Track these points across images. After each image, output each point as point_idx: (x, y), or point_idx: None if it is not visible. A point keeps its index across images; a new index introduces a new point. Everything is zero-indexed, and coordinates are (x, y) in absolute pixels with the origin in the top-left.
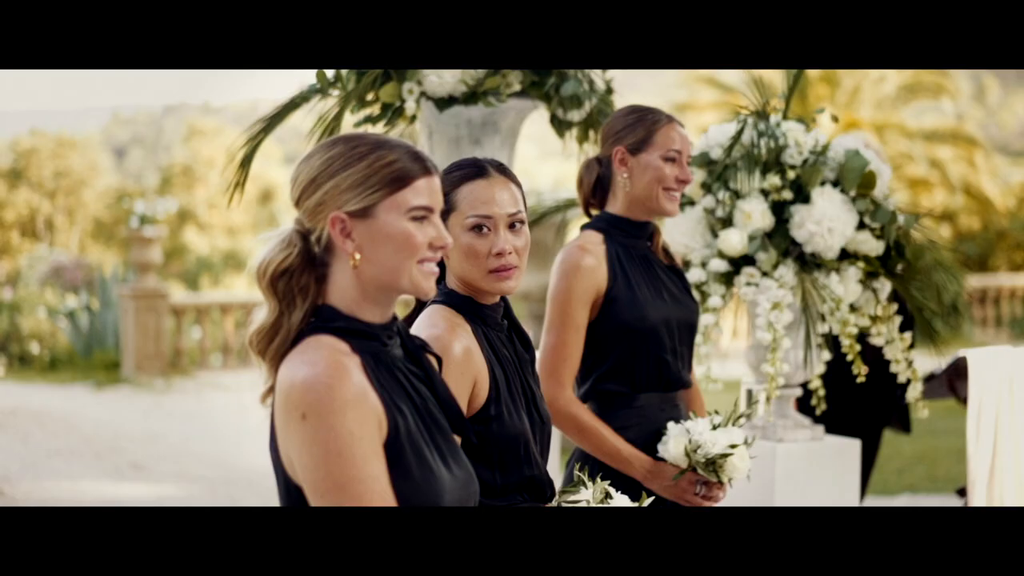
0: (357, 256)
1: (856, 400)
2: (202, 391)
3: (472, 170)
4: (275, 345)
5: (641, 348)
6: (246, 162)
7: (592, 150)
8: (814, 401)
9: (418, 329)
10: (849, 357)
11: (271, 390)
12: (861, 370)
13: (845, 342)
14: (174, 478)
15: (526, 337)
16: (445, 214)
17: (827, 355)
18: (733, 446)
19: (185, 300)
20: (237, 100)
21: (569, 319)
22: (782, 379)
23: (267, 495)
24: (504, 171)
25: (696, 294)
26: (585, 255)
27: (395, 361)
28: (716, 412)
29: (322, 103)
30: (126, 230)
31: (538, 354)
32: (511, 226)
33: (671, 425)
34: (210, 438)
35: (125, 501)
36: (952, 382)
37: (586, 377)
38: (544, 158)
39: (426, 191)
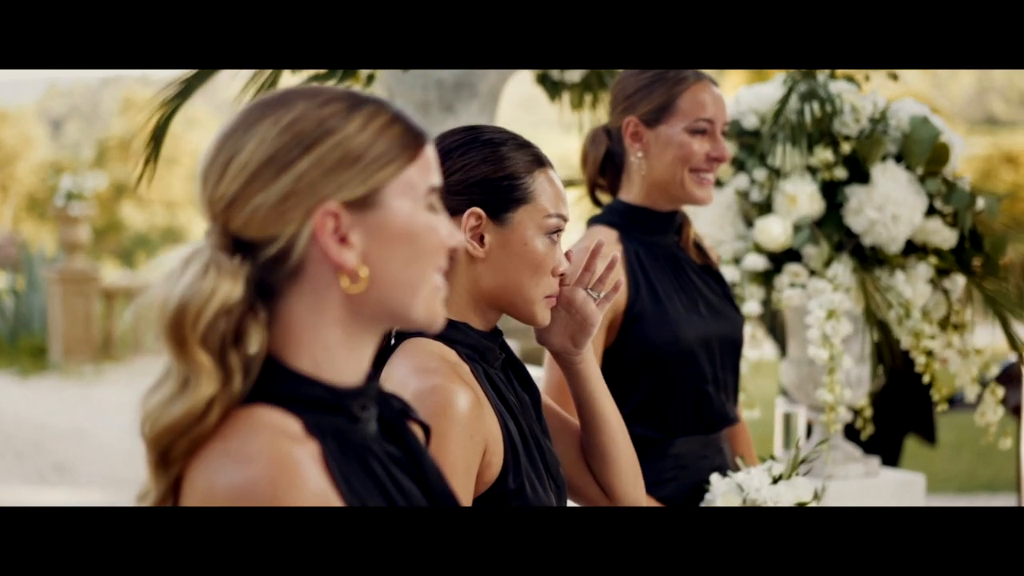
0: (363, 271)
1: (874, 404)
2: (135, 380)
3: (536, 157)
4: (191, 437)
5: (676, 380)
6: (159, 133)
7: (595, 119)
8: (859, 423)
9: (398, 376)
10: (926, 378)
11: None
12: (942, 395)
13: (920, 359)
14: (101, 482)
15: (525, 373)
16: (511, 204)
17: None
18: (802, 504)
19: (118, 282)
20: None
21: None
22: (844, 409)
23: None
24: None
25: None
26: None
27: (368, 444)
28: (772, 458)
29: None
30: (52, 208)
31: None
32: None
33: (715, 479)
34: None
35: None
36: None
37: None
38: (538, 128)
39: (432, 165)
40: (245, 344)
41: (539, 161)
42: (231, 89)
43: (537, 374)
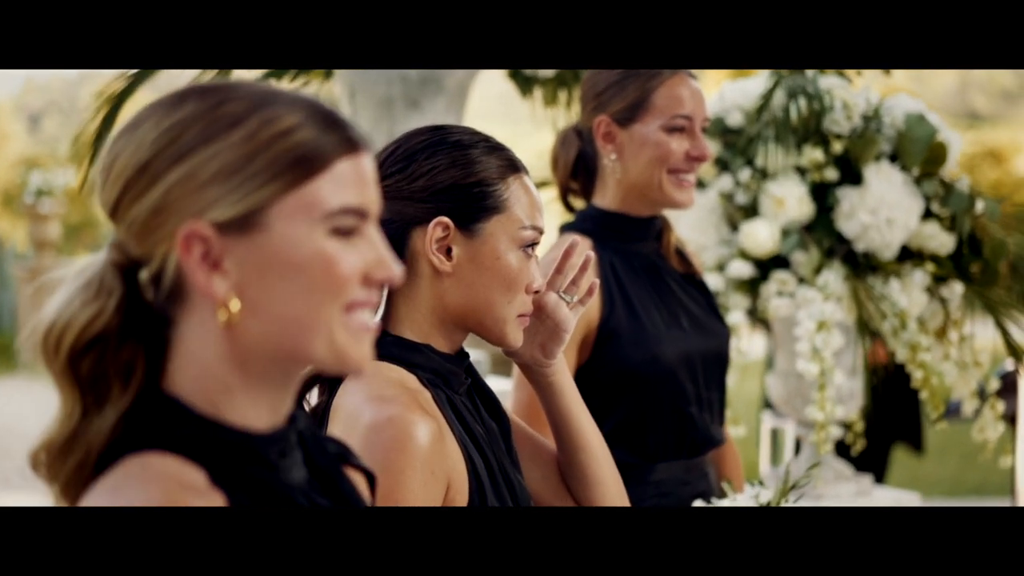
0: (233, 304)
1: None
2: None
3: (511, 161)
4: (69, 468)
5: (655, 401)
6: (102, 134)
7: (571, 116)
8: (849, 439)
9: (350, 405)
10: (924, 393)
11: None
12: (940, 412)
13: (917, 374)
14: None
15: (493, 400)
16: (482, 214)
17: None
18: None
19: None
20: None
21: None
22: (835, 428)
23: None
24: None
25: None
26: None
27: (292, 496)
28: (760, 483)
29: None
30: (22, 205)
31: None
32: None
33: (699, 505)
34: None
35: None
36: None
37: None
38: (513, 128)
39: (354, 180)
40: (123, 376)
41: (513, 166)
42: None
43: (505, 387)
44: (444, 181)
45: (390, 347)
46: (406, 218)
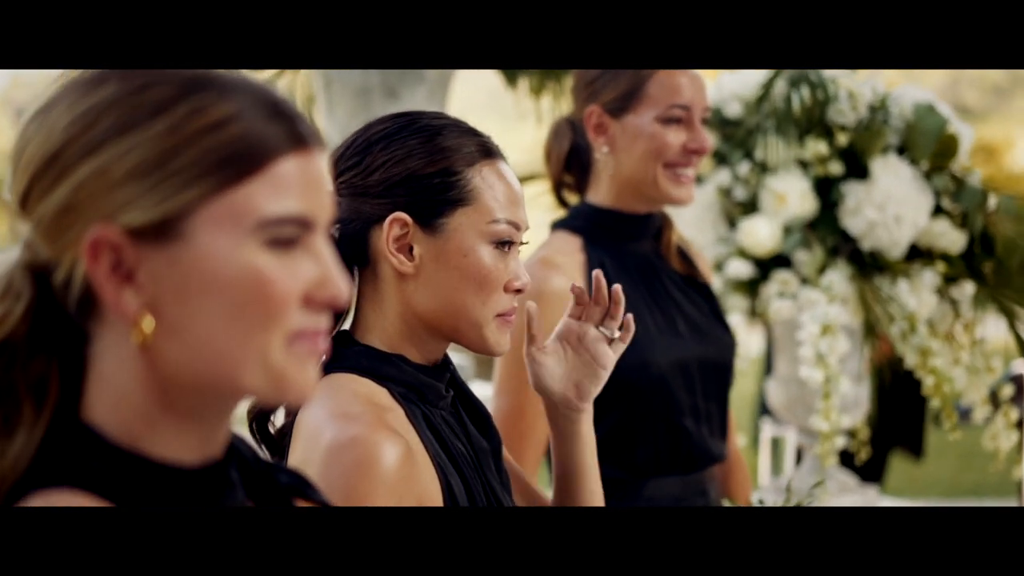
0: (147, 323)
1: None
2: None
3: (483, 147)
4: None
5: (645, 411)
6: None
7: (559, 108)
8: (853, 446)
9: (312, 422)
10: (935, 401)
11: None
12: (953, 422)
13: (928, 381)
14: None
15: (483, 415)
16: (445, 207)
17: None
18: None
19: None
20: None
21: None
22: (841, 438)
23: None
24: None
25: None
26: (552, 274)
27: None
28: (760, 501)
29: None
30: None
31: None
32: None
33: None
34: None
35: None
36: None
37: None
38: (499, 120)
39: (298, 183)
40: (33, 395)
41: (485, 152)
42: None
43: (488, 392)
44: (400, 173)
45: (359, 358)
46: (364, 216)
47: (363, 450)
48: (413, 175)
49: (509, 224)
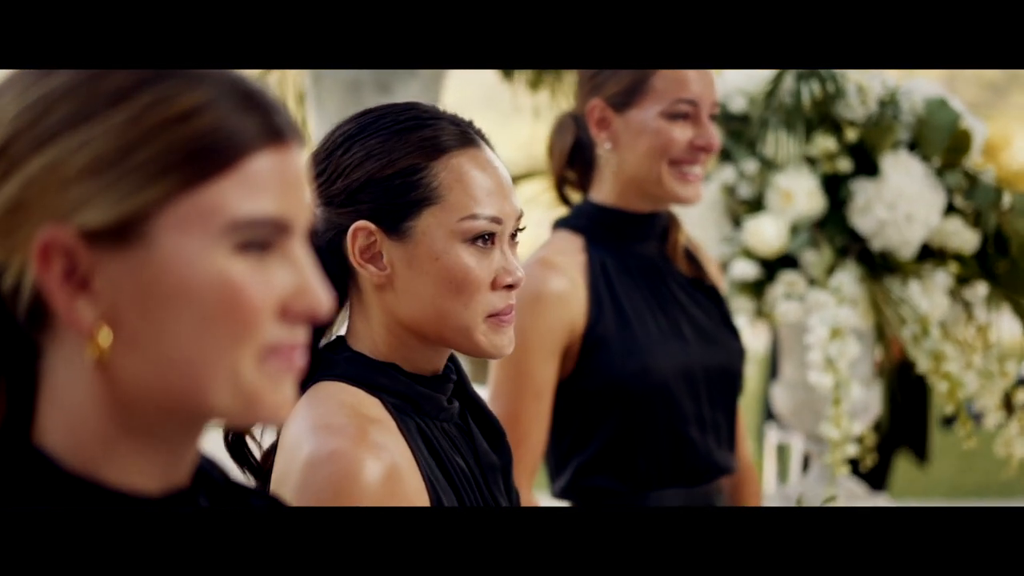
0: (103, 336)
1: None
2: None
3: (456, 136)
4: None
5: (647, 419)
6: None
7: (556, 103)
8: (859, 453)
9: (294, 434)
10: (950, 407)
11: None
12: (968, 430)
13: (941, 385)
14: None
15: (494, 428)
16: (408, 210)
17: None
18: None
19: None
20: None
21: (526, 378)
22: (851, 447)
23: None
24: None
25: None
26: (551, 275)
27: None
28: None
29: None
30: None
31: None
32: (511, 236)
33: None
34: None
35: None
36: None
37: (562, 466)
38: (494, 115)
39: (273, 182)
40: None
41: (457, 141)
42: None
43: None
44: (360, 177)
45: (348, 365)
46: (335, 226)
47: (342, 465)
48: (372, 179)
49: (487, 218)
